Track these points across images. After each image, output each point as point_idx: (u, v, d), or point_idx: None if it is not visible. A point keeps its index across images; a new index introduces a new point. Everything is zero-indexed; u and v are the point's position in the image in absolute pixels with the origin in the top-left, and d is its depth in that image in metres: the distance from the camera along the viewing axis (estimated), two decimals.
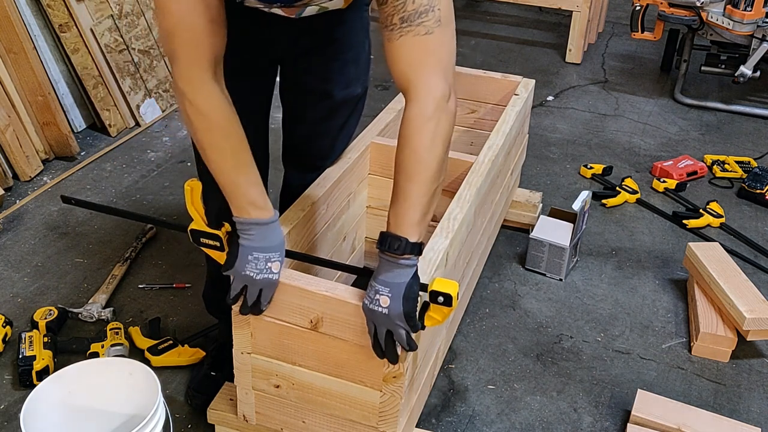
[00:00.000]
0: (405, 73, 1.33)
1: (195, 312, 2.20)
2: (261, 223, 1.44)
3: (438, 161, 1.34)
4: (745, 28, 3.37)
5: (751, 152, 3.29)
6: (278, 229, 1.47)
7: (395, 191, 1.36)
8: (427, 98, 1.33)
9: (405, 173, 1.34)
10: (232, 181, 1.42)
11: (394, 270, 1.35)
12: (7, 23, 2.76)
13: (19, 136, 2.81)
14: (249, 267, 1.44)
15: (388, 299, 1.34)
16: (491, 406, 1.95)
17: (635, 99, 3.78)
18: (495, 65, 4.09)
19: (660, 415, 1.84)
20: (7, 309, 2.20)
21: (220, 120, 1.38)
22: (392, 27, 1.30)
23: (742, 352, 2.15)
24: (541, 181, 3.00)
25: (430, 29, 1.30)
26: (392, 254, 1.33)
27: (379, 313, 1.36)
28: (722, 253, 2.34)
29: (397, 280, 1.34)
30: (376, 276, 1.37)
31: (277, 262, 1.45)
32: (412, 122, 1.33)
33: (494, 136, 2.13)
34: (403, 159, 1.34)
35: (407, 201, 1.34)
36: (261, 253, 1.44)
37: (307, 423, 1.63)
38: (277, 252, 1.45)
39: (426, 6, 1.29)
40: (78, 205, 1.65)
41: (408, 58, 1.32)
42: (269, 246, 1.45)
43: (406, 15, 1.28)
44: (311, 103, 1.79)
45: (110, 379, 1.60)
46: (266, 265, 1.44)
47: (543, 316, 2.28)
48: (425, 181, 1.34)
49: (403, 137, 1.35)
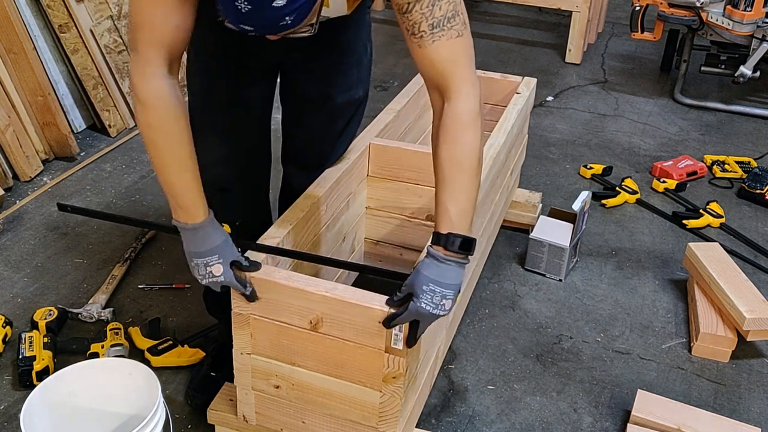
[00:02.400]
0: (443, 74, 1.36)
1: (195, 312, 2.20)
2: (188, 228, 1.43)
3: (482, 155, 1.39)
4: (744, 29, 3.37)
5: (751, 152, 3.29)
6: (213, 232, 1.44)
7: (447, 188, 1.36)
8: (470, 95, 1.36)
9: (459, 167, 1.35)
10: (165, 180, 1.43)
11: (456, 270, 1.35)
12: (7, 23, 2.77)
13: (19, 137, 2.82)
14: (194, 272, 1.45)
15: (452, 303, 1.36)
16: (491, 407, 1.95)
17: (635, 99, 3.79)
18: (495, 65, 4.09)
19: (660, 415, 1.84)
20: (7, 309, 2.20)
21: (162, 117, 1.37)
22: (422, 34, 1.33)
23: (742, 352, 2.15)
24: (541, 181, 3.00)
25: (460, 31, 1.34)
26: (456, 254, 1.34)
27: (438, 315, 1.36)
28: (722, 254, 2.34)
29: (457, 281, 1.36)
30: (438, 280, 1.34)
31: (217, 264, 1.43)
32: (463, 117, 1.35)
33: (496, 134, 2.13)
34: (456, 154, 1.35)
35: (463, 195, 1.36)
36: (198, 259, 1.44)
37: (307, 423, 1.63)
38: (215, 255, 1.43)
39: (452, 11, 1.32)
40: (74, 212, 1.66)
41: (445, 61, 1.35)
42: (204, 251, 1.43)
43: (435, 21, 1.31)
44: (312, 107, 1.78)
45: (110, 379, 1.60)
46: (207, 270, 1.44)
47: (543, 316, 2.28)
48: (478, 174, 1.38)
49: (452, 132, 1.35)
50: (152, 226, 1.55)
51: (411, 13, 1.32)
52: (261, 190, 1.91)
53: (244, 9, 1.12)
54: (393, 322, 1.40)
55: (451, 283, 1.35)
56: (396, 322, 1.39)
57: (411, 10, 1.32)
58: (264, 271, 1.50)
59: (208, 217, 1.45)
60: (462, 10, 1.34)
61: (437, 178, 1.39)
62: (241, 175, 1.78)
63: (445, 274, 1.35)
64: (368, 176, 2.14)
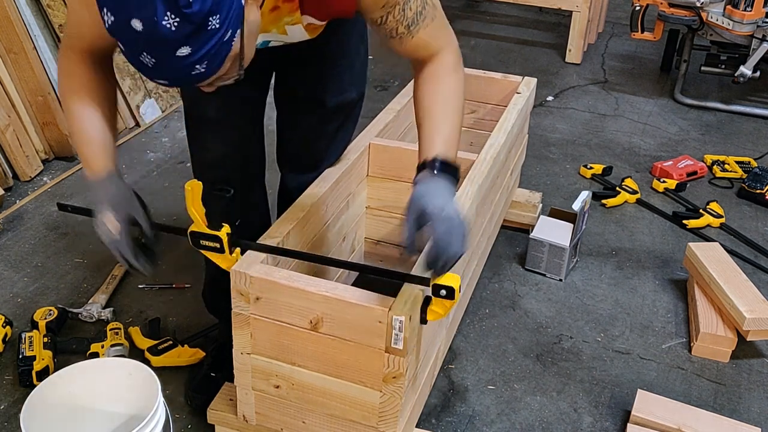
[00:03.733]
0: (426, 51, 1.43)
1: (195, 312, 2.20)
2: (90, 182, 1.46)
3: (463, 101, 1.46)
4: (745, 28, 3.37)
5: (751, 152, 3.29)
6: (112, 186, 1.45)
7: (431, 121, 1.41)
8: (452, 52, 1.45)
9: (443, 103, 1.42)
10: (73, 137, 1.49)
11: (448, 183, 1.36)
12: (7, 23, 2.77)
13: (19, 136, 2.82)
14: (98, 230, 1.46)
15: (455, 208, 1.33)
16: (491, 406, 1.95)
17: (635, 99, 3.78)
18: (495, 65, 4.09)
19: (660, 415, 1.84)
20: (7, 309, 2.20)
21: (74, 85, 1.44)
22: (400, 35, 1.39)
23: (742, 352, 2.15)
24: (541, 181, 3.00)
25: (432, 15, 1.40)
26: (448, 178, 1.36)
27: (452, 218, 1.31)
28: (722, 253, 2.34)
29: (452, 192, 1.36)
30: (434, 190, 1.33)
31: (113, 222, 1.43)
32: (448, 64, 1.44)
33: (496, 134, 2.13)
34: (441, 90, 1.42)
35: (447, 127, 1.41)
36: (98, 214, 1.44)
37: (307, 423, 1.63)
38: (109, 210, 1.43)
39: (421, 4, 1.38)
40: (74, 212, 1.65)
41: (426, 44, 1.42)
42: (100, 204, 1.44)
43: (409, 21, 1.37)
44: (304, 110, 1.79)
45: (110, 379, 1.60)
46: (105, 228, 1.44)
47: (543, 316, 2.28)
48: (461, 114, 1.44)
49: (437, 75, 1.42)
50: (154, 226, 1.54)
51: (386, 23, 1.38)
52: (258, 191, 1.91)
53: (149, 63, 1.08)
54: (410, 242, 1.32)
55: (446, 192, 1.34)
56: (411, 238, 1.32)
57: (386, 21, 1.37)
58: (264, 271, 1.50)
59: (111, 171, 1.46)
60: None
61: (420, 115, 1.43)
62: (238, 175, 1.78)
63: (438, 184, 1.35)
64: (368, 176, 2.14)
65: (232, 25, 1.10)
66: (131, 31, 1.04)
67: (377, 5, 1.35)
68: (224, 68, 1.15)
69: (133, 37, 1.05)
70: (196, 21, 1.04)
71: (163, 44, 1.05)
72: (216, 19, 1.06)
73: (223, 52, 1.11)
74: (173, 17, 1.03)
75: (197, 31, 1.05)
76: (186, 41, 1.05)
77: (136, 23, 1.03)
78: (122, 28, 1.05)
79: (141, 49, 1.07)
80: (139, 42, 1.06)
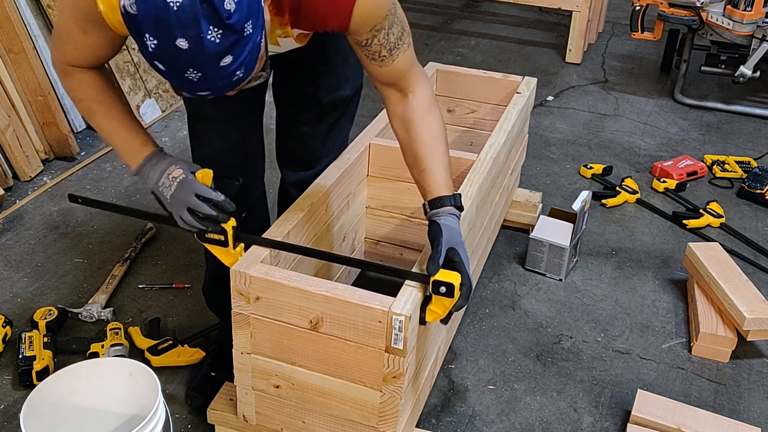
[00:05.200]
0: (403, 77, 1.50)
1: (195, 312, 2.20)
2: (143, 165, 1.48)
3: None
4: (745, 28, 3.37)
5: (751, 152, 3.29)
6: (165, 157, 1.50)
7: (434, 158, 1.51)
8: (426, 84, 1.54)
9: (439, 139, 1.53)
10: (108, 139, 1.52)
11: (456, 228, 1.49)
12: (7, 23, 2.77)
13: (19, 136, 2.82)
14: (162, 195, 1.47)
15: None
16: (491, 406, 1.95)
17: (635, 99, 3.78)
18: (495, 65, 4.09)
19: (660, 415, 1.84)
20: (7, 309, 2.20)
21: (89, 93, 1.48)
22: (382, 59, 1.46)
23: (742, 352, 2.15)
24: (541, 181, 3.00)
25: (408, 42, 1.49)
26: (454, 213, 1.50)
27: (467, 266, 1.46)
28: (722, 253, 2.34)
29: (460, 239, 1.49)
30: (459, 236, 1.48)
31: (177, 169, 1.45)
32: (430, 100, 1.53)
33: (496, 134, 2.13)
34: (434, 129, 1.52)
35: (446, 161, 1.53)
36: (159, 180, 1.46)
37: (307, 423, 1.63)
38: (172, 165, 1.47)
39: (400, 30, 1.45)
40: (85, 203, 1.66)
41: (403, 69, 1.49)
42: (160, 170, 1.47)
43: (391, 45, 1.45)
44: (299, 106, 1.80)
45: (110, 379, 1.60)
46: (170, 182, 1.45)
47: (543, 316, 2.28)
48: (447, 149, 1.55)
49: (425, 114, 1.52)
50: (160, 218, 1.55)
51: (371, 46, 1.44)
52: (257, 190, 1.91)
53: (195, 78, 1.12)
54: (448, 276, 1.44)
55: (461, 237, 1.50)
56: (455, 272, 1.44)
57: (370, 44, 1.43)
58: (264, 271, 1.50)
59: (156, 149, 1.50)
60: (404, 22, 1.47)
61: (419, 154, 1.52)
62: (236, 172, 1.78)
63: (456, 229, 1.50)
64: (368, 176, 2.14)
65: (260, 27, 1.15)
66: (177, 50, 1.08)
67: (366, 27, 1.40)
68: (257, 69, 1.20)
69: (179, 56, 1.08)
70: (238, 29, 1.09)
71: (208, 57, 1.09)
72: (250, 24, 1.11)
73: (256, 55, 1.17)
74: (216, 30, 1.07)
75: (238, 39, 1.10)
76: (229, 50, 1.10)
77: (181, 42, 1.07)
78: (167, 49, 1.08)
79: (187, 66, 1.10)
80: (184, 60, 1.09)
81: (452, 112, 2.57)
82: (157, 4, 1.05)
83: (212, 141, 1.76)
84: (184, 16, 1.05)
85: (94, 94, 1.48)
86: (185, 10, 1.04)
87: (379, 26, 1.40)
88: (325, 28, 1.42)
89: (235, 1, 1.07)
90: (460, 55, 4.25)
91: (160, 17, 1.05)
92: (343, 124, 1.90)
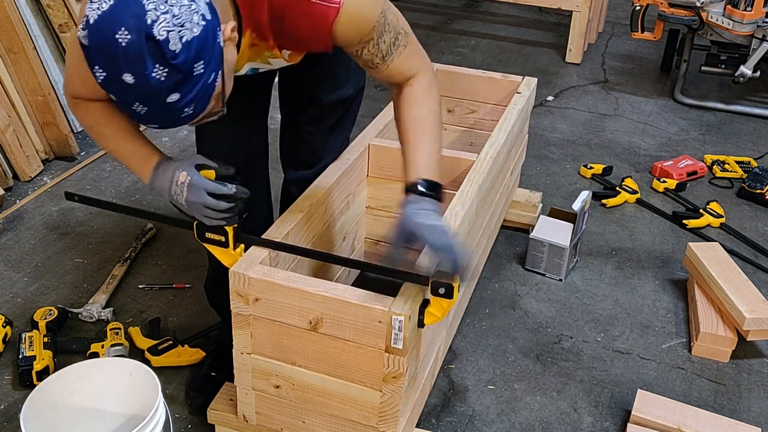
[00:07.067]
0: (402, 78, 1.49)
1: (195, 312, 2.21)
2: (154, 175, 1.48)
3: (441, 121, 1.51)
4: (745, 28, 3.37)
5: (751, 152, 3.29)
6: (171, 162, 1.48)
7: (411, 144, 1.47)
8: (428, 76, 1.50)
9: (421, 125, 1.47)
10: (120, 159, 1.54)
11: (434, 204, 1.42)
12: (7, 23, 2.77)
13: (19, 136, 2.82)
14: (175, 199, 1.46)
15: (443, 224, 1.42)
16: (491, 406, 1.95)
17: (635, 99, 3.78)
18: (495, 65, 4.09)
19: (660, 415, 1.84)
20: (7, 309, 2.20)
21: (97, 119, 1.50)
22: (376, 65, 1.45)
23: (742, 352, 2.15)
24: (541, 181, 3.00)
25: (405, 42, 1.45)
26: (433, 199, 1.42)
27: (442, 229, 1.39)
28: (722, 253, 2.34)
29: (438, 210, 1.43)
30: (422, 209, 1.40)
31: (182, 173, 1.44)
32: (424, 86, 1.49)
33: (496, 134, 2.13)
34: (419, 113, 1.48)
35: (426, 148, 1.46)
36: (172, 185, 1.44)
37: (307, 423, 1.63)
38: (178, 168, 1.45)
39: (394, 35, 1.43)
40: (81, 201, 1.66)
41: (401, 71, 1.48)
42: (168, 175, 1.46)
43: (384, 53, 1.43)
44: (300, 106, 1.81)
45: (110, 379, 1.60)
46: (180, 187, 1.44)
47: (543, 316, 2.28)
48: (438, 135, 1.49)
49: (415, 97, 1.48)
50: (158, 217, 1.55)
51: (362, 56, 1.43)
52: (259, 189, 1.91)
53: (142, 111, 1.15)
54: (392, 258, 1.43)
55: (434, 213, 1.41)
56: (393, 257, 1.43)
57: (361, 54, 1.43)
58: (263, 272, 1.50)
59: (160, 158, 1.49)
60: (400, 25, 1.44)
61: (402, 139, 1.49)
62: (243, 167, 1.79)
63: (424, 205, 1.41)
64: (368, 176, 2.14)
65: (214, 68, 1.17)
66: (123, 84, 1.11)
67: (352, 42, 1.40)
68: (210, 107, 1.23)
69: (125, 89, 1.12)
70: (183, 69, 1.12)
71: (154, 94, 1.12)
72: (201, 65, 1.14)
73: (209, 93, 1.19)
74: (162, 68, 1.10)
75: (185, 78, 1.13)
76: (175, 88, 1.13)
77: (127, 77, 1.10)
78: (114, 83, 1.12)
79: (133, 100, 1.14)
80: (131, 93, 1.12)
81: (452, 112, 2.57)
82: (106, 39, 1.08)
83: (214, 138, 1.76)
84: (130, 52, 1.08)
85: (102, 119, 1.50)
86: (132, 47, 1.08)
87: (367, 38, 1.39)
88: (310, 50, 1.43)
89: (183, 42, 1.10)
90: (460, 55, 4.25)
91: (109, 51, 1.09)
92: (345, 124, 1.90)
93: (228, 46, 1.23)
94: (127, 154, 1.51)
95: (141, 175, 1.50)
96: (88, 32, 1.10)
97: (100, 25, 1.09)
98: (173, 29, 1.09)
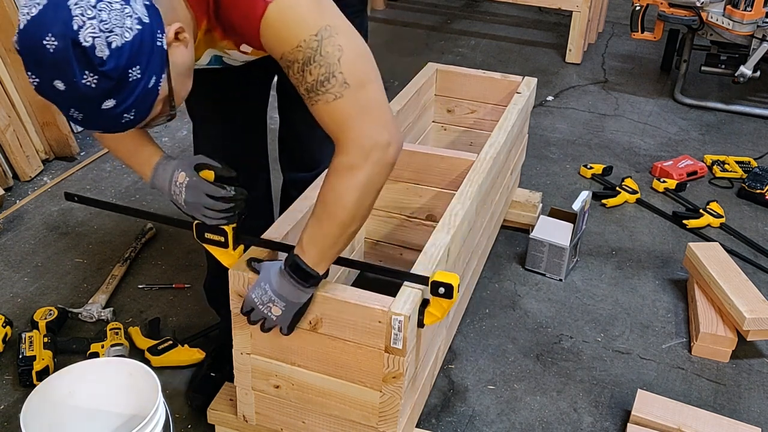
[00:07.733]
0: (331, 132, 1.32)
1: (195, 312, 2.21)
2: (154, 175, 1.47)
3: (363, 210, 1.36)
4: (745, 28, 3.37)
5: (751, 152, 3.29)
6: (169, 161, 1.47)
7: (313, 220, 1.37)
8: (353, 150, 1.30)
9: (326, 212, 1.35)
10: (123, 161, 1.53)
11: (297, 291, 1.40)
12: (7, 23, 2.77)
13: (20, 136, 2.82)
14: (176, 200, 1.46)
15: (280, 311, 1.42)
16: (491, 406, 1.95)
17: (635, 99, 3.78)
18: (495, 65, 4.09)
19: (660, 415, 1.84)
20: (7, 309, 2.20)
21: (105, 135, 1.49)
22: (303, 96, 1.30)
23: (742, 352, 2.15)
24: (541, 181, 3.00)
25: (339, 93, 1.27)
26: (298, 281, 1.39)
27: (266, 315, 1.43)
28: (722, 253, 2.34)
29: (295, 300, 1.41)
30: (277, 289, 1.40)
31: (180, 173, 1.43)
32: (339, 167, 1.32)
33: (496, 134, 2.13)
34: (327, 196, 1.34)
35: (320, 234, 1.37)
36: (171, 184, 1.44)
37: (307, 423, 1.63)
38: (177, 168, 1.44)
39: (325, 74, 1.26)
40: (81, 201, 1.66)
41: (328, 123, 1.31)
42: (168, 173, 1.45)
43: (308, 86, 1.27)
44: (296, 107, 1.79)
45: (110, 379, 1.60)
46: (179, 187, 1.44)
47: (543, 316, 2.28)
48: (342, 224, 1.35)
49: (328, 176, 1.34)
50: (157, 217, 1.55)
51: (289, 76, 1.30)
52: (259, 190, 1.91)
53: (78, 117, 1.13)
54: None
55: (284, 296, 1.41)
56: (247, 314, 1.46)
57: (288, 74, 1.29)
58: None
59: (159, 158, 1.48)
60: (343, 70, 1.26)
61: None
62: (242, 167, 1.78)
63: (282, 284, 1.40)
64: None
65: (155, 72, 1.13)
66: (55, 90, 1.09)
67: (275, 52, 1.28)
68: (155, 111, 1.19)
69: (58, 95, 1.10)
70: (114, 76, 1.08)
71: (86, 101, 1.09)
72: (136, 70, 1.10)
73: (151, 98, 1.15)
74: (92, 75, 1.07)
75: (118, 84, 1.09)
76: (109, 95, 1.10)
77: (58, 84, 1.08)
78: (47, 89, 1.10)
79: (68, 106, 1.11)
80: (64, 100, 1.10)
81: (452, 112, 2.58)
82: (35, 45, 1.07)
83: (211, 137, 1.76)
84: (58, 59, 1.06)
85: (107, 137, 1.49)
86: (59, 53, 1.05)
87: (290, 56, 1.26)
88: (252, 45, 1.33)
89: (112, 48, 1.06)
90: (460, 55, 4.25)
91: (37, 58, 1.07)
92: None
93: (175, 48, 1.18)
94: (127, 153, 1.51)
95: (142, 174, 1.50)
96: (19, 38, 1.09)
97: (29, 31, 1.07)
98: (99, 35, 1.05)
